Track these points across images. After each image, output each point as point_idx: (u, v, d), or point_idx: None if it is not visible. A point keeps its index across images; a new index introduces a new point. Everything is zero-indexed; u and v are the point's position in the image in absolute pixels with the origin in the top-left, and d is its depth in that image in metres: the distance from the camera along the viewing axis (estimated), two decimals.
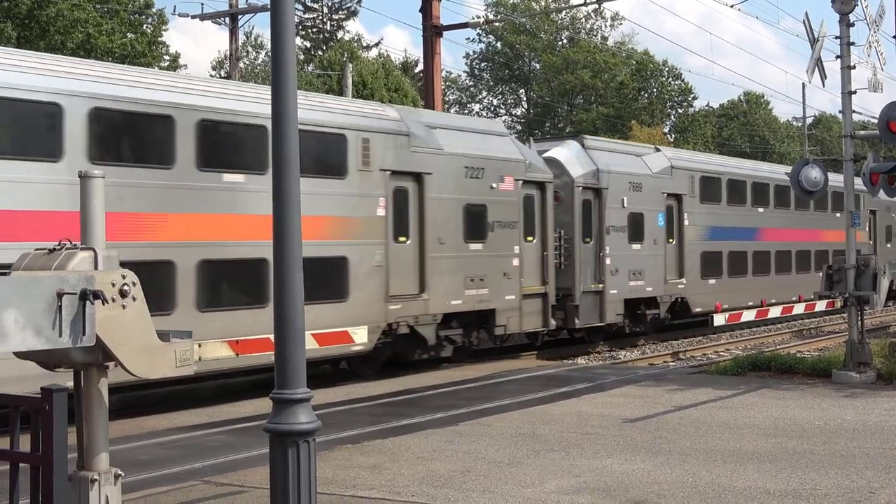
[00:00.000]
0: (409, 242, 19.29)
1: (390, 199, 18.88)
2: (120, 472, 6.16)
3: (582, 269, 24.30)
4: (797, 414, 13.63)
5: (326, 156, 17.82)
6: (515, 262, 21.61)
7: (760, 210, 32.37)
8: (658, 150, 28.95)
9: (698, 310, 28.70)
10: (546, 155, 24.32)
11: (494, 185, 21.28)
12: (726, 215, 30.48)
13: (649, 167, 27.43)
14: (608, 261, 25.24)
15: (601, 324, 25.10)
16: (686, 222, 28.41)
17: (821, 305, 34.80)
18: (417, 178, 19.50)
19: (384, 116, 19.29)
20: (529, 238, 22.37)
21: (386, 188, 18.74)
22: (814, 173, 18.34)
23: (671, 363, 23.33)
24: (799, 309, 33.68)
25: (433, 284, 19.58)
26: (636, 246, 26.32)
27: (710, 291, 29.18)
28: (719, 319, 29.10)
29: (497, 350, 23.61)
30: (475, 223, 20.64)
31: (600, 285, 24.90)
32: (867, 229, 37.22)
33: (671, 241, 27.82)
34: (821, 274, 32.36)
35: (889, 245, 40.69)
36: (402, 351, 19.73)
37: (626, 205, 25.98)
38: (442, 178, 19.96)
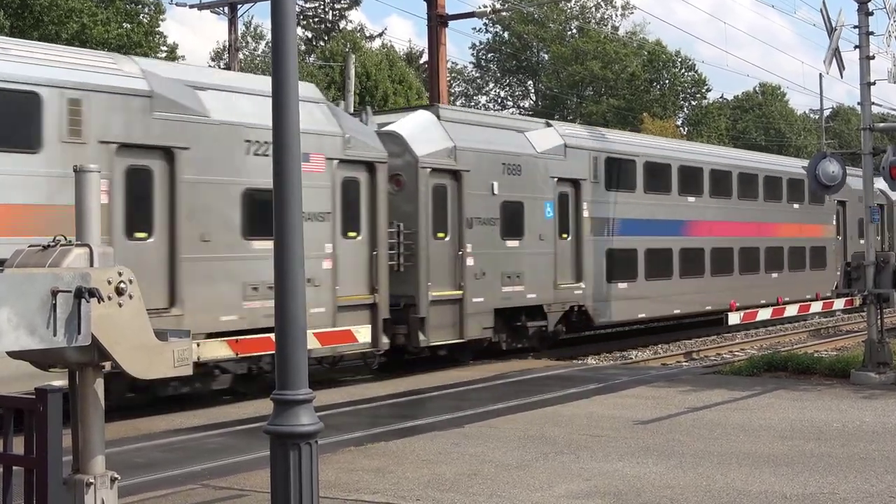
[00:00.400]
0: (151, 240, 15.03)
1: (119, 182, 14.61)
2: (116, 476, 6.16)
3: (430, 272, 19.73)
4: (814, 415, 13.61)
5: (7, 121, 13.67)
6: (326, 264, 17.44)
7: (692, 199, 28.13)
8: (549, 125, 24.16)
9: (603, 320, 24.59)
10: (386, 129, 19.93)
11: None
12: (644, 205, 26.15)
13: (533, 145, 22.80)
14: (470, 261, 20.51)
15: (461, 340, 20.51)
16: (586, 214, 23.89)
17: (839, 304, 34.56)
18: (167, 154, 15.23)
19: (111, 69, 14.95)
20: (351, 234, 18.10)
21: (111, 168, 14.35)
22: (832, 167, 18.31)
23: (684, 363, 23.32)
24: (815, 308, 33.58)
25: (186, 295, 15.22)
26: (512, 243, 21.75)
27: (621, 297, 24.98)
28: (734, 318, 29.04)
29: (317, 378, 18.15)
30: (261, 215, 16.00)
31: (459, 292, 20.37)
32: (834, 223, 35.30)
33: (565, 236, 23.41)
34: (775, 275, 30.53)
35: (863, 241, 38.59)
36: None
37: (497, 191, 21.26)
38: (206, 155, 15.64)
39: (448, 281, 20.31)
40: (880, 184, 32.27)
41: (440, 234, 20.34)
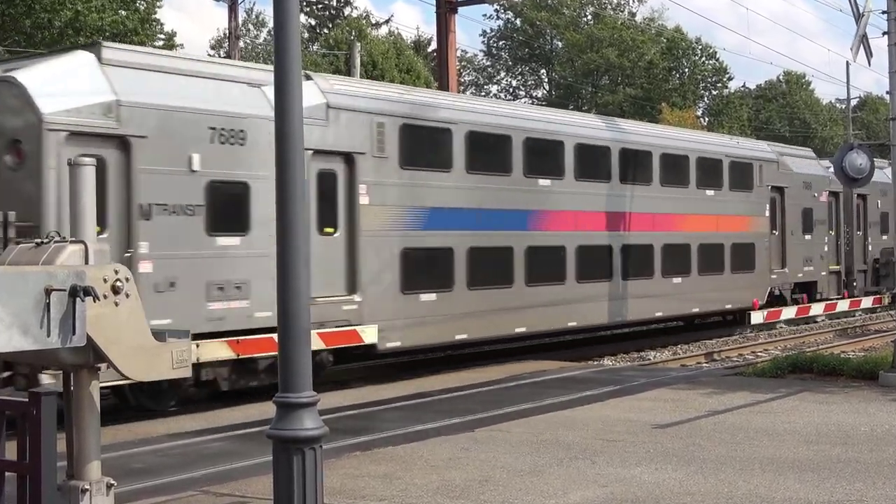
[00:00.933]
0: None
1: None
2: (112, 482, 6.18)
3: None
4: (841, 419, 13.58)
5: None
6: None
7: (545, 183, 22.10)
8: (309, 77, 17.76)
9: (393, 345, 18.68)
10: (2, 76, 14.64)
11: None
12: (465, 191, 20.17)
13: (272, 104, 16.11)
14: (146, 267, 14.81)
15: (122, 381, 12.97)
16: (364, 200, 18.12)
17: (867, 302, 34.49)
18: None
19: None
20: None
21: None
22: (859, 160, 18.27)
23: (705, 364, 23.28)
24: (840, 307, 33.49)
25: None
26: (229, 240, 15.99)
27: (424, 314, 19.19)
28: (756, 317, 29.01)
29: None
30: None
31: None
32: (767, 213, 29.81)
33: (330, 231, 17.74)
34: (677, 281, 25.60)
35: (809, 236, 31.93)
36: None
37: (197, 167, 15.57)
38: None
39: None
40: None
41: (100, 230, 14.19)
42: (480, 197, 20.40)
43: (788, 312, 30.57)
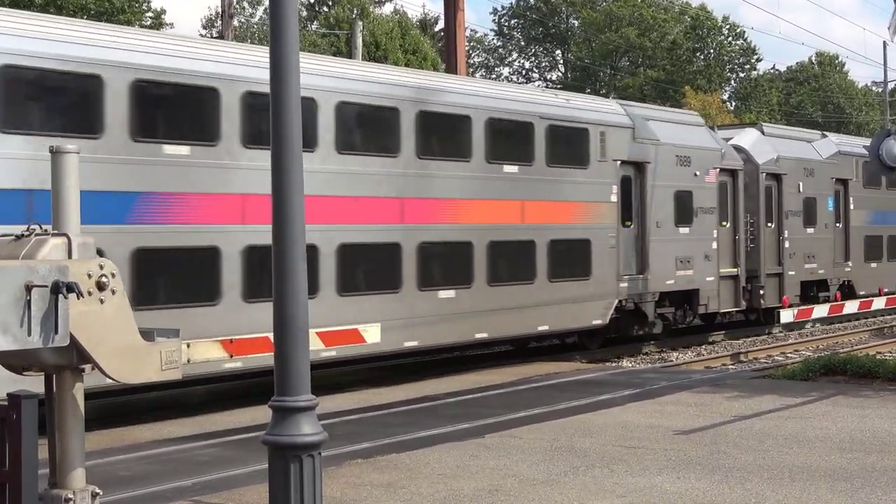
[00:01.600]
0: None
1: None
2: (98, 491, 6.19)
3: None
4: (877, 425, 13.58)
5: None
6: None
7: (255, 157, 16.14)
8: None
9: None
10: None
11: None
12: (119, 167, 14.97)
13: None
14: None
15: None
16: None
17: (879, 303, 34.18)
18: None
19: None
20: None
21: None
22: None
23: (731, 366, 23.26)
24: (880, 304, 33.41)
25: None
26: None
27: None
28: (786, 316, 28.98)
29: None
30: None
31: None
32: (615, 199, 23.71)
33: None
34: (447, 295, 18.66)
35: (687, 230, 25.92)
36: None
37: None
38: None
39: None
40: (741, 140, 29.51)
41: None
42: (153, 177, 15.41)
43: (820, 311, 30.53)
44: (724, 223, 27.42)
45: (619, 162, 23.75)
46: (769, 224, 29.45)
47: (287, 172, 6.97)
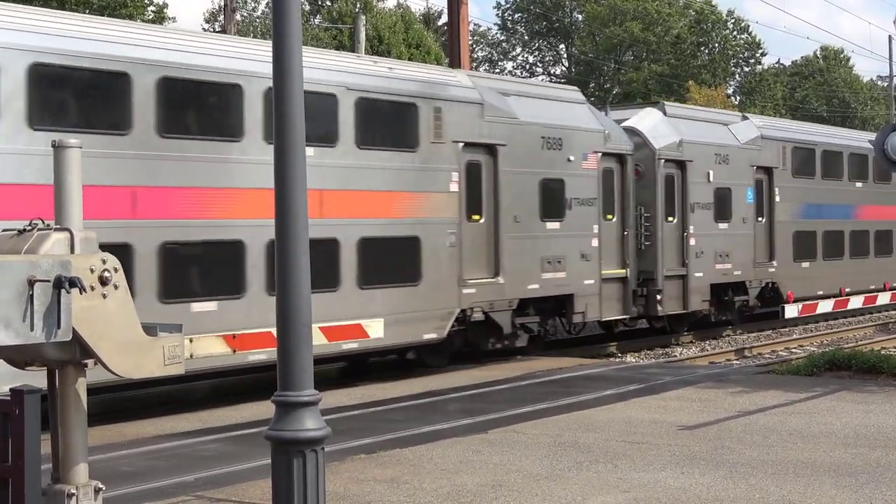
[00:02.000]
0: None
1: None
2: (101, 486, 6.20)
3: None
4: (882, 420, 13.57)
5: None
6: None
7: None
8: None
9: None
10: None
11: None
12: None
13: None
14: None
15: None
16: None
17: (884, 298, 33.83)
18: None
19: None
20: None
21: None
22: None
23: (735, 361, 23.28)
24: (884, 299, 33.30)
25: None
26: None
27: None
28: (791, 311, 28.96)
29: None
30: None
31: None
32: (457, 188, 19.79)
33: None
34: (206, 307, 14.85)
35: (557, 224, 22.04)
36: None
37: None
38: None
39: None
40: (637, 122, 25.40)
41: None
42: None
43: (825, 305, 30.48)
44: (610, 217, 23.34)
45: (461, 144, 19.63)
46: (670, 218, 25.56)
47: (290, 167, 6.97)
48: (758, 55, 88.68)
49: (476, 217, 20.22)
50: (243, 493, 10.20)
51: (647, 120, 25.83)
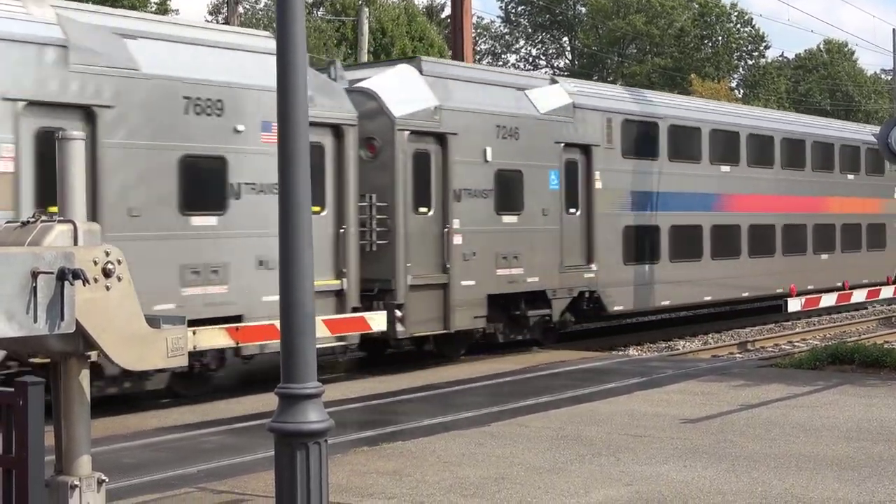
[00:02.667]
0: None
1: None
2: (104, 478, 6.21)
3: None
4: (884, 414, 13.57)
5: None
6: None
7: None
8: None
9: None
10: None
11: None
12: None
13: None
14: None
15: None
16: None
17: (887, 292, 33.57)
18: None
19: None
20: None
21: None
22: None
23: (737, 355, 23.27)
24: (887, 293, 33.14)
25: None
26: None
27: None
28: (794, 305, 28.90)
29: None
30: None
31: None
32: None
33: None
34: None
35: (210, 220, 16.13)
36: None
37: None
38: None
39: None
40: (375, 83, 19.43)
41: None
42: None
43: (828, 300, 30.35)
44: (317, 209, 16.71)
45: (21, 104, 14.02)
46: (422, 209, 19.45)
47: (293, 161, 6.97)
48: (761, 48, 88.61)
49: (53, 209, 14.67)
50: (246, 485, 10.22)
51: (390, 79, 19.77)
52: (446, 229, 19.49)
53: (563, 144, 22.23)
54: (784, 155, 29.49)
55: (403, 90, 19.52)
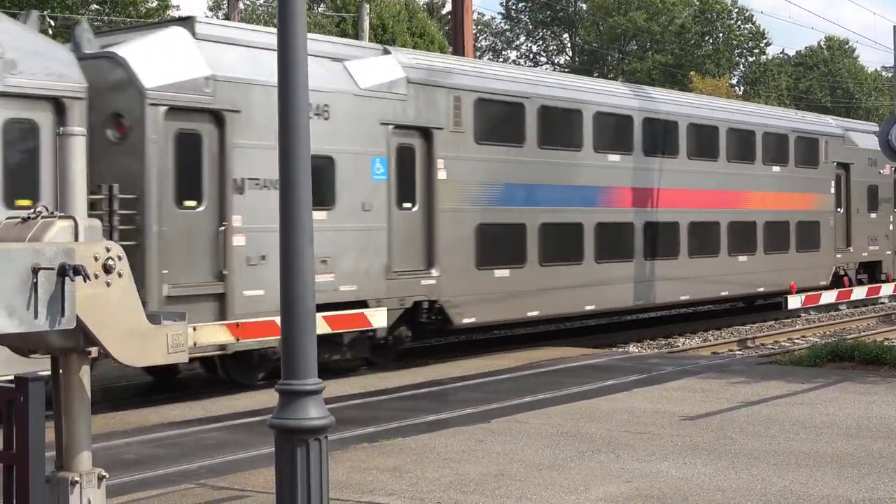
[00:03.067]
0: None
1: None
2: (104, 474, 6.21)
3: None
4: (884, 411, 13.58)
5: None
6: None
7: None
8: None
9: None
10: None
11: None
12: None
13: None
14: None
15: None
16: None
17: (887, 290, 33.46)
18: None
19: None
20: None
21: None
22: None
23: (737, 352, 23.28)
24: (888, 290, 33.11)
25: None
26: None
27: None
28: (794, 302, 28.90)
29: None
30: None
31: None
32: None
33: None
34: None
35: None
36: None
37: None
38: None
39: None
40: (126, 48, 14.84)
41: None
42: None
43: (828, 297, 30.33)
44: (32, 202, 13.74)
45: None
46: (190, 204, 16.08)
47: (294, 158, 6.97)
48: (762, 45, 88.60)
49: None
50: (246, 481, 10.23)
51: (149, 44, 16.27)
52: (223, 227, 16.13)
53: (392, 127, 18.56)
54: (692, 143, 26.00)
55: (166, 57, 16.05)
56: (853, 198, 32.41)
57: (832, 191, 31.45)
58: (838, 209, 31.73)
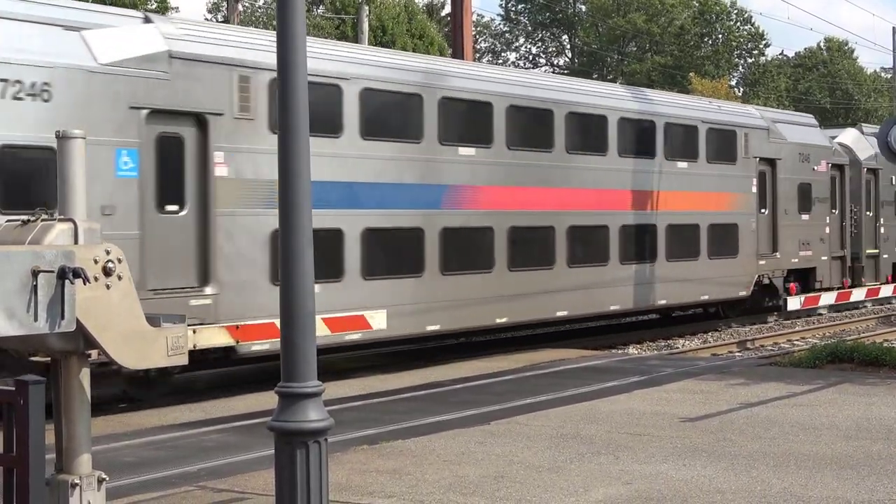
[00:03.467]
0: None
1: None
2: (104, 476, 6.22)
3: None
4: (884, 413, 13.58)
5: None
6: None
7: None
8: None
9: None
10: None
11: None
12: None
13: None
14: None
15: None
16: None
17: (886, 290, 33.42)
18: None
19: None
20: None
21: None
22: None
23: (737, 353, 23.28)
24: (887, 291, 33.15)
25: None
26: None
27: None
28: (793, 303, 28.91)
29: None
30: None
31: None
32: None
33: None
34: None
35: None
36: None
37: None
38: None
39: None
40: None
41: None
42: None
43: (828, 298, 30.34)
44: None
45: None
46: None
47: (294, 158, 6.97)
48: (761, 46, 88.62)
49: None
50: (245, 483, 10.23)
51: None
52: None
53: (147, 111, 15.06)
54: (569, 135, 22.13)
55: None
56: (780, 197, 28.76)
57: (754, 189, 27.84)
58: (762, 210, 28.22)
